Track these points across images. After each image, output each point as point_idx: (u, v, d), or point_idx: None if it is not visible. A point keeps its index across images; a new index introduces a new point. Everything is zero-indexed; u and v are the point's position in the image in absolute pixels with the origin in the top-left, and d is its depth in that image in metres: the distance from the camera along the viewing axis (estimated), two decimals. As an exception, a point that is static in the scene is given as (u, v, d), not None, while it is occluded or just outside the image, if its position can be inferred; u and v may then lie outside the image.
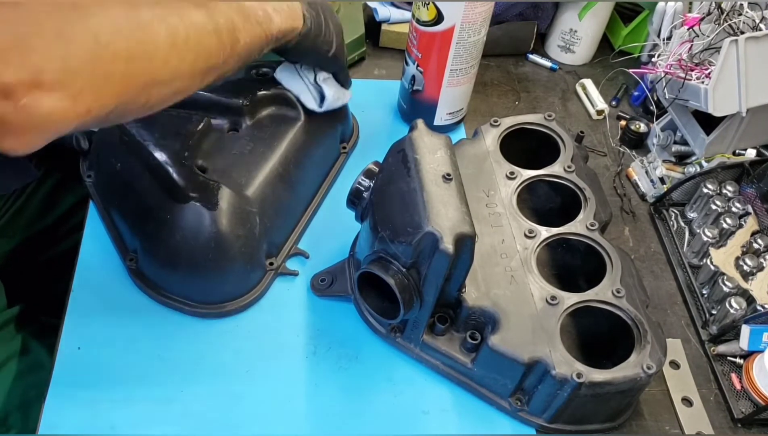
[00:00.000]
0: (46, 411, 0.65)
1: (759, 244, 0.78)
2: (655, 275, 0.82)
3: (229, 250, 0.69)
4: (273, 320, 0.73)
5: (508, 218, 0.72)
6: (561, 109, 1.01)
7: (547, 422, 0.67)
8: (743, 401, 0.71)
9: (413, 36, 0.85)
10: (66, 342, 0.69)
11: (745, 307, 0.73)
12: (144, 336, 0.71)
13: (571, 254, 0.73)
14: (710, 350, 0.75)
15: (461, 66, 0.85)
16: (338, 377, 0.70)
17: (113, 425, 0.65)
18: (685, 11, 0.86)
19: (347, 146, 0.89)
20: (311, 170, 0.82)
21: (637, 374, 0.61)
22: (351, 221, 0.72)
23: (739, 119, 0.80)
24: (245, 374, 0.69)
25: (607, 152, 0.95)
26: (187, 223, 0.68)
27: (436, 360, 0.70)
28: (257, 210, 0.71)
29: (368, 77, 1.01)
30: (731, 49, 0.75)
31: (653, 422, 0.70)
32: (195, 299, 0.72)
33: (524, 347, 0.63)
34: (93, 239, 0.77)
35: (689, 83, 0.79)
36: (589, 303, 0.66)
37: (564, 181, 0.75)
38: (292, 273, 0.76)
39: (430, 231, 0.59)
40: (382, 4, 1.03)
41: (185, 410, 0.66)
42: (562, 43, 1.06)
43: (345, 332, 0.73)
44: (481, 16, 0.80)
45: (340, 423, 0.67)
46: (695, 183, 0.84)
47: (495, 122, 0.79)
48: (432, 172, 0.63)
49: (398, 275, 0.62)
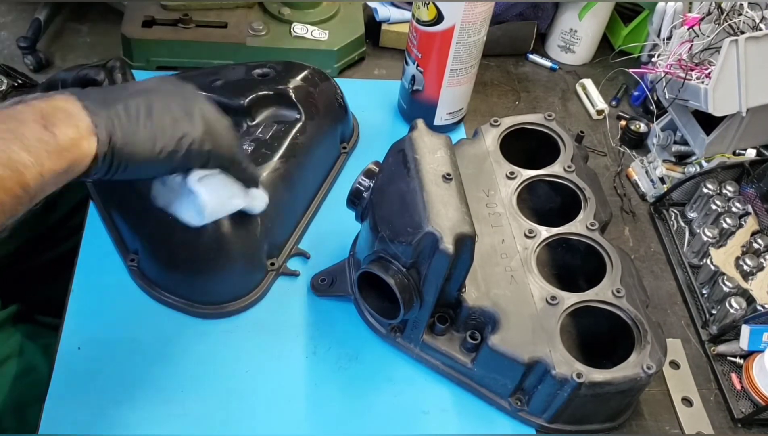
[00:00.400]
0: (46, 411, 0.65)
1: (759, 244, 0.78)
2: (655, 275, 0.82)
3: (231, 250, 0.69)
4: (273, 320, 0.73)
5: (508, 218, 0.72)
6: (561, 109, 1.01)
7: (547, 422, 0.67)
8: (743, 401, 0.71)
9: (413, 36, 0.85)
10: (66, 342, 0.69)
11: (745, 307, 0.73)
12: (144, 336, 0.71)
13: (571, 254, 0.73)
14: (710, 350, 0.75)
15: (461, 66, 0.85)
16: (338, 377, 0.70)
17: (113, 425, 0.65)
18: (685, 11, 0.86)
19: (347, 146, 0.89)
20: (312, 170, 0.82)
21: (637, 374, 0.61)
22: (351, 221, 0.72)
23: (739, 119, 0.80)
24: (245, 374, 0.69)
25: (607, 152, 0.95)
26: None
27: (436, 360, 0.70)
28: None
29: (368, 77, 1.01)
30: (731, 49, 0.75)
31: (653, 422, 0.70)
32: (197, 299, 0.72)
33: (524, 347, 0.63)
34: (93, 239, 0.77)
35: (689, 83, 0.79)
36: (589, 303, 0.66)
37: (564, 181, 0.75)
38: (293, 273, 0.76)
39: (430, 231, 0.59)
40: (382, 4, 1.03)
41: (185, 410, 0.66)
42: (562, 43, 1.06)
43: (345, 332, 0.73)
44: (481, 16, 0.80)
45: (340, 423, 0.67)
46: (695, 183, 0.84)
47: (495, 122, 0.79)
48: (432, 172, 0.63)
49: (398, 275, 0.62)
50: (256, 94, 0.78)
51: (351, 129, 0.90)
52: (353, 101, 0.89)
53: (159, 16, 0.95)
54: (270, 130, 0.78)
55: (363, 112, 0.93)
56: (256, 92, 0.78)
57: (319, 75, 0.85)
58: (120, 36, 0.94)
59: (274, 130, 0.78)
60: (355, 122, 0.92)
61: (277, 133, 0.77)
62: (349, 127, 0.89)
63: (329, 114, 0.83)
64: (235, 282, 0.72)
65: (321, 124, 0.82)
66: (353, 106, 0.89)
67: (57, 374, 0.67)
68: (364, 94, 0.96)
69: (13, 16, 1.05)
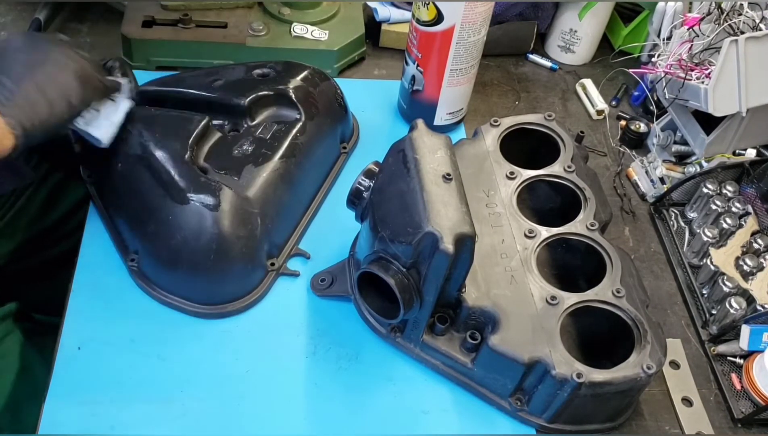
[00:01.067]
0: (46, 411, 0.65)
1: (759, 244, 0.78)
2: (655, 275, 0.82)
3: (231, 251, 0.69)
4: (273, 320, 0.73)
5: (508, 218, 0.72)
6: (561, 109, 1.01)
7: (547, 422, 0.67)
8: (743, 401, 0.71)
9: (413, 36, 0.85)
10: (66, 342, 0.69)
11: (745, 307, 0.73)
12: (144, 336, 0.71)
13: (571, 254, 0.73)
14: (710, 350, 0.75)
15: (461, 66, 0.85)
16: (338, 377, 0.70)
17: (113, 425, 0.65)
18: (685, 11, 0.86)
19: (347, 146, 0.89)
20: (312, 170, 0.82)
21: (637, 374, 0.61)
22: (351, 221, 0.72)
23: (739, 119, 0.80)
24: (245, 374, 0.69)
25: (607, 152, 0.95)
26: (188, 224, 0.68)
27: (436, 360, 0.70)
28: (259, 211, 0.72)
29: (368, 77, 1.01)
30: (731, 49, 0.75)
31: (653, 422, 0.70)
32: (197, 299, 0.72)
33: (524, 347, 0.63)
34: (93, 239, 0.77)
35: (689, 83, 0.79)
36: (589, 303, 0.66)
37: (564, 181, 0.75)
38: (293, 273, 0.76)
39: (430, 231, 0.59)
40: (382, 4, 1.03)
41: (185, 410, 0.66)
42: (562, 43, 1.06)
43: (345, 332, 0.73)
44: (481, 16, 0.80)
45: (340, 423, 0.67)
46: (695, 183, 0.84)
47: (495, 122, 0.79)
48: (432, 172, 0.63)
49: (398, 275, 0.62)
50: (256, 94, 0.78)
51: (351, 129, 0.90)
52: (353, 101, 0.89)
53: (159, 16, 0.95)
54: (270, 130, 0.78)
55: (363, 112, 0.93)
56: (257, 92, 0.78)
57: (319, 75, 0.85)
58: (120, 36, 0.94)
59: (274, 130, 0.78)
60: (355, 122, 0.92)
61: (278, 133, 0.77)
62: (349, 127, 0.89)
63: (329, 114, 0.83)
64: (235, 282, 0.72)
65: (321, 124, 0.82)
66: (353, 107, 0.89)
67: (57, 374, 0.67)
68: (364, 94, 0.96)
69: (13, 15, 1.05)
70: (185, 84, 0.81)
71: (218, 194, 0.68)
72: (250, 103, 0.78)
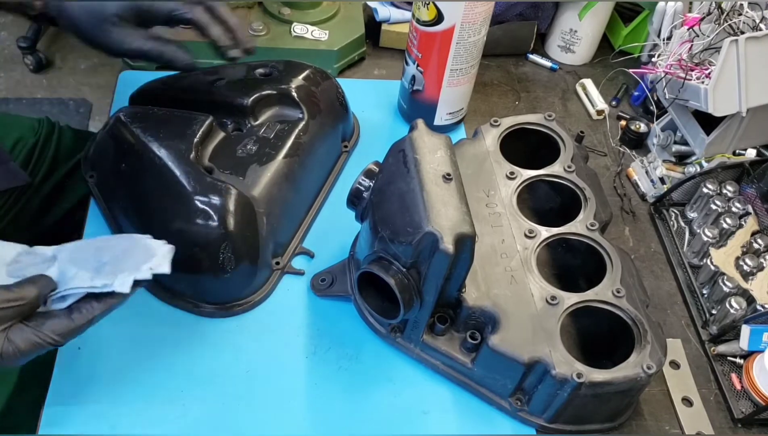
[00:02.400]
0: (46, 411, 0.65)
1: (759, 244, 0.78)
2: (655, 275, 0.82)
3: (238, 251, 0.69)
4: (273, 320, 0.73)
5: (508, 218, 0.72)
6: (561, 109, 1.01)
7: (547, 422, 0.67)
8: (743, 401, 0.71)
9: (413, 36, 0.85)
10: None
11: (745, 307, 0.73)
12: (144, 336, 0.71)
13: (571, 254, 0.73)
14: (710, 350, 0.75)
15: (461, 66, 0.85)
16: (338, 377, 0.70)
17: (113, 425, 0.65)
18: (685, 11, 0.86)
19: (348, 145, 0.89)
20: (315, 169, 0.82)
21: (637, 374, 0.61)
22: (351, 221, 0.72)
23: (739, 119, 0.80)
24: (245, 373, 0.69)
25: (607, 152, 0.95)
26: (195, 224, 0.68)
27: (436, 360, 0.70)
28: (264, 210, 0.72)
29: (368, 77, 1.01)
30: (731, 49, 0.75)
31: (653, 422, 0.70)
32: (202, 299, 0.72)
33: (524, 347, 0.63)
34: (93, 238, 0.77)
35: (689, 83, 0.79)
36: (589, 303, 0.66)
37: (564, 181, 0.75)
38: (298, 272, 0.76)
39: (430, 231, 0.59)
40: (382, 4, 1.03)
41: (185, 409, 0.66)
42: (562, 43, 1.06)
43: (345, 332, 0.73)
44: (481, 16, 0.80)
45: (340, 423, 0.67)
46: (695, 183, 0.84)
47: (495, 122, 0.79)
48: (432, 172, 0.63)
49: (398, 275, 0.62)
50: (259, 93, 0.78)
51: (352, 127, 0.90)
52: (353, 101, 0.89)
53: (159, 16, 0.95)
54: (273, 130, 0.78)
55: (363, 112, 0.93)
56: (259, 92, 0.78)
57: (321, 74, 0.85)
58: (120, 36, 0.94)
59: (277, 129, 0.78)
60: (355, 122, 0.92)
61: (281, 133, 0.77)
62: (350, 125, 0.89)
63: (331, 113, 0.83)
64: (242, 282, 0.72)
65: (323, 122, 0.82)
66: (353, 107, 0.89)
67: (57, 374, 0.67)
68: (364, 94, 0.96)
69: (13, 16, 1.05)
70: (186, 84, 0.82)
71: (225, 194, 0.68)
72: (253, 103, 0.78)
